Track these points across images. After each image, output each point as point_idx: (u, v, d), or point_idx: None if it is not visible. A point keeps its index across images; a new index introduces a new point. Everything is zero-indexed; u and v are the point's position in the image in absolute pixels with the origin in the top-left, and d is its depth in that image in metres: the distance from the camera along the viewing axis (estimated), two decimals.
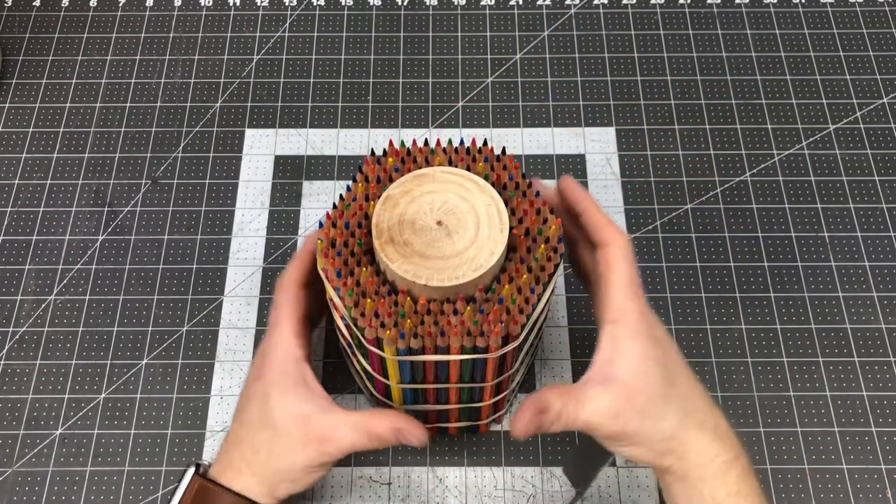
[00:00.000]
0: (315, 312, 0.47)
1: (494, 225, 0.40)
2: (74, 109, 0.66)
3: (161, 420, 0.54)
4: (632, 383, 0.40)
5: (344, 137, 0.64)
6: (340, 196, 0.43)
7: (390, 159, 0.43)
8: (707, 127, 0.64)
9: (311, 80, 0.67)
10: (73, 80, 0.67)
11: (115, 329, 0.57)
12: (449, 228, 0.40)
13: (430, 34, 0.69)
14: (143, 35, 0.69)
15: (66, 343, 0.56)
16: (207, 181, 0.62)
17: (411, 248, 0.39)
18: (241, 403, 0.44)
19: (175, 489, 0.43)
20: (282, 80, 0.67)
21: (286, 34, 0.69)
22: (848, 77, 0.67)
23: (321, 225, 0.42)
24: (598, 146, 0.64)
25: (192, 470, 0.43)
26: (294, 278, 0.44)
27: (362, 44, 0.69)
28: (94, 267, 0.59)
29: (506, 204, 0.41)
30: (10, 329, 0.57)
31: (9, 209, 0.61)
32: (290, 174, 0.63)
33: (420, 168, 0.43)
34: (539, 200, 0.42)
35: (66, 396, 0.54)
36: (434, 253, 0.39)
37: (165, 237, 0.60)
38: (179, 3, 0.71)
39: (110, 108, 0.66)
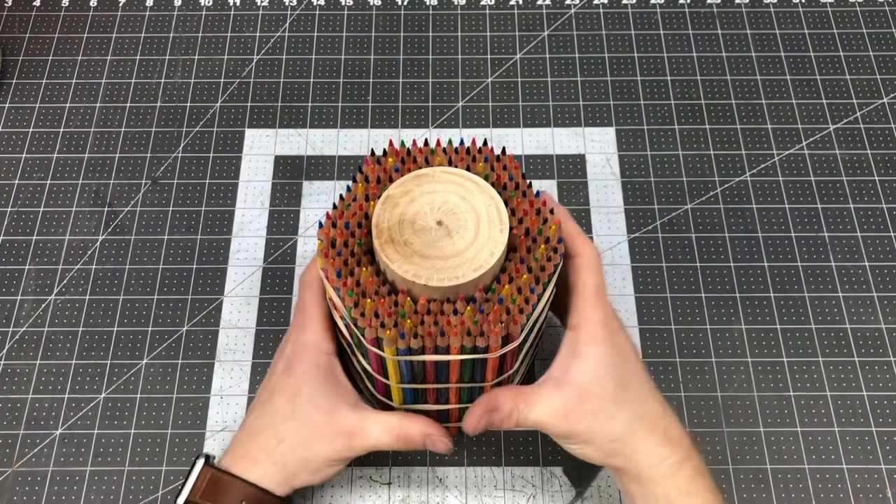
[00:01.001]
0: None
1: (494, 225, 0.40)
2: (74, 109, 0.66)
3: (161, 420, 0.54)
4: (585, 386, 0.42)
5: (344, 137, 0.64)
6: (340, 196, 0.43)
7: (390, 159, 0.43)
8: (707, 127, 0.64)
9: (311, 80, 0.67)
10: (73, 80, 0.67)
11: (115, 329, 0.57)
12: (449, 228, 0.40)
13: (430, 34, 0.69)
14: (143, 35, 0.69)
15: (66, 343, 0.56)
16: (207, 181, 0.62)
17: (411, 248, 0.39)
18: (263, 396, 0.45)
19: (185, 480, 0.44)
20: (282, 80, 0.67)
21: (286, 34, 0.69)
22: (848, 77, 0.66)
23: (321, 225, 0.42)
24: (598, 146, 0.64)
25: (202, 461, 0.44)
26: (319, 276, 0.45)
27: (362, 44, 0.69)
28: (94, 267, 0.59)
29: (506, 204, 0.41)
30: (10, 329, 0.57)
31: (9, 209, 0.61)
32: (290, 174, 0.63)
33: (420, 168, 0.43)
34: (539, 200, 0.42)
35: (66, 396, 0.54)
36: (434, 253, 0.39)
37: (165, 237, 0.60)
38: (179, 3, 0.71)
39: (110, 108, 0.66)
